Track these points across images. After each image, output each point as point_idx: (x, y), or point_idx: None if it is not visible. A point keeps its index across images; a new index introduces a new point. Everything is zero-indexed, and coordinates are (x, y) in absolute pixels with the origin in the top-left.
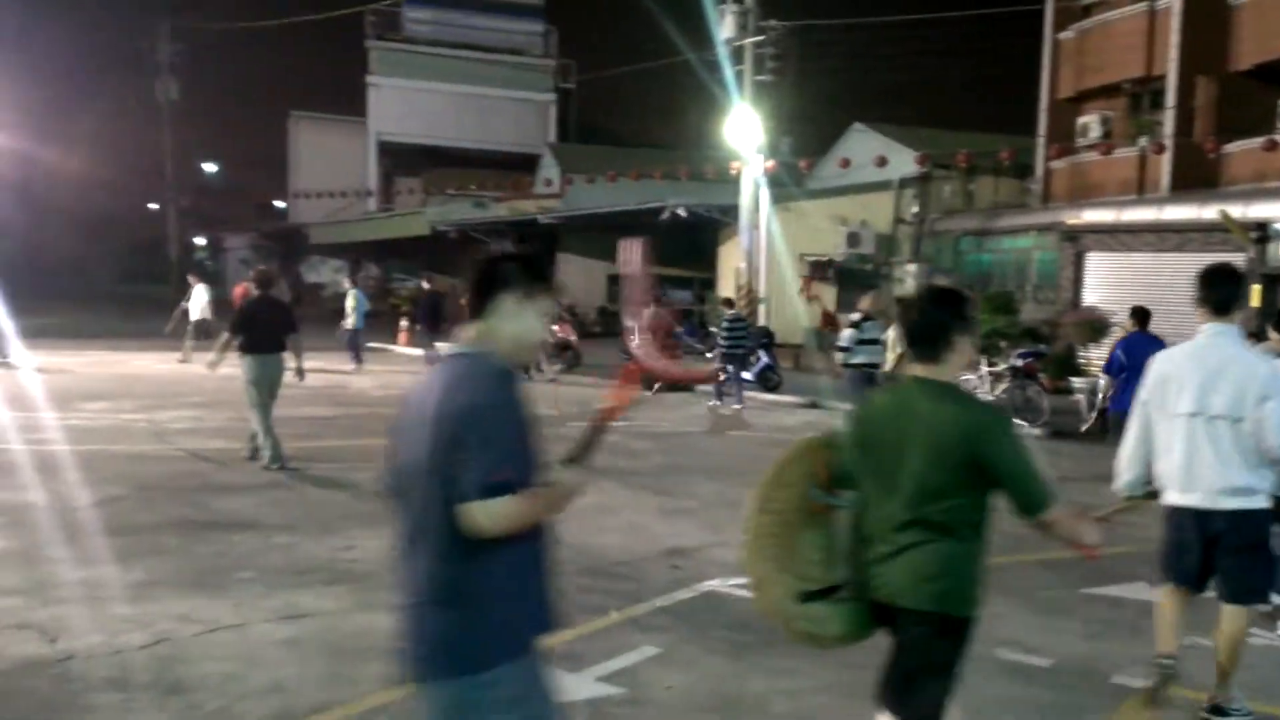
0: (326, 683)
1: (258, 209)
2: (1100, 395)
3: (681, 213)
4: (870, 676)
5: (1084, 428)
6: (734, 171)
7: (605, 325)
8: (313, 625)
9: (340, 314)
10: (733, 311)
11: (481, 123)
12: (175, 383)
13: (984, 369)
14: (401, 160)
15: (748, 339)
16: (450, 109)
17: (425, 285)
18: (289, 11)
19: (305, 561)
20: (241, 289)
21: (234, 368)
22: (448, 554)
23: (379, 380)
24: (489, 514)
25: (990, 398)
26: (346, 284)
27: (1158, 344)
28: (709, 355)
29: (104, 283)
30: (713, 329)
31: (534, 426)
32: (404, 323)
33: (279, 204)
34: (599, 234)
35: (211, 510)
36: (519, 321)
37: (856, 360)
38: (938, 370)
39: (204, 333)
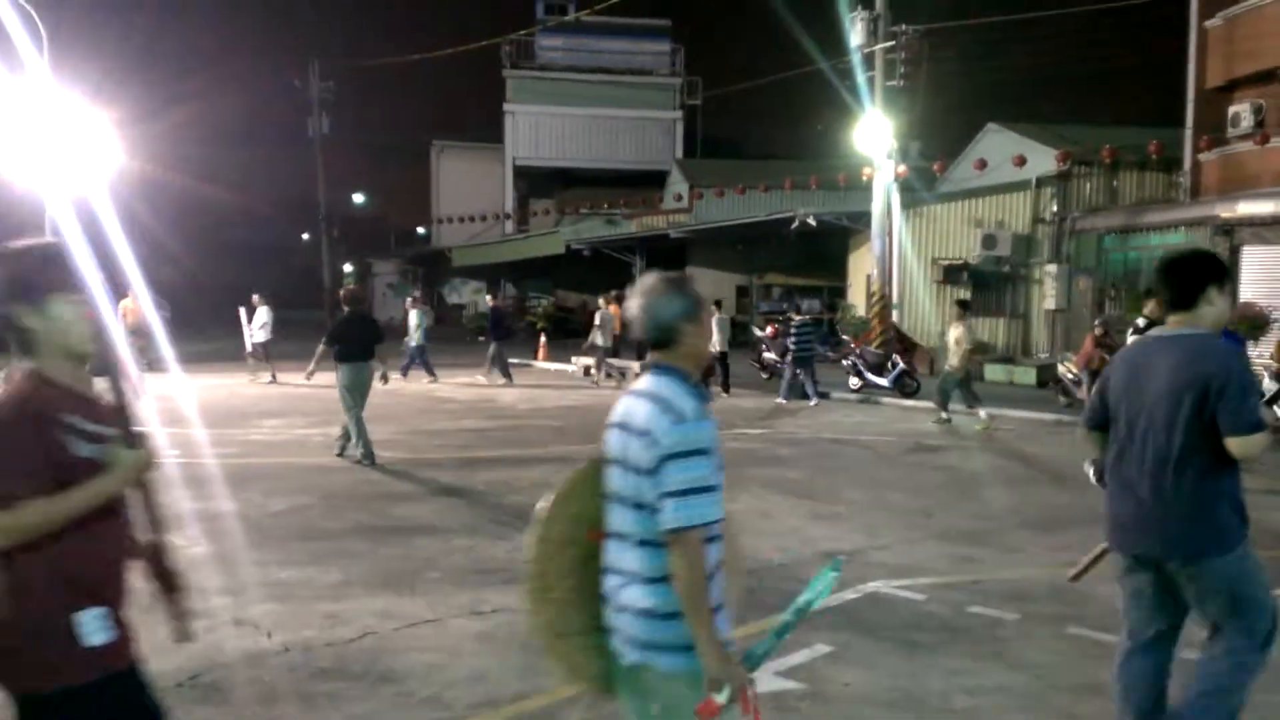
0: (523, 673)
1: (400, 235)
2: None
3: (811, 222)
4: (1046, 680)
5: None
6: (865, 178)
7: (734, 336)
8: (502, 620)
9: (480, 332)
10: (800, 318)
11: (611, 143)
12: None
13: None
14: (536, 182)
15: (814, 343)
16: (581, 131)
17: (489, 300)
18: (431, 46)
19: (485, 562)
20: (405, 307)
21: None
22: (1200, 469)
23: (524, 395)
24: (1248, 444)
25: None
26: (408, 303)
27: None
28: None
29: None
30: (844, 337)
31: None
32: (543, 339)
33: (420, 230)
34: (728, 246)
35: (392, 516)
36: (1218, 307)
37: None
38: None
39: (264, 353)
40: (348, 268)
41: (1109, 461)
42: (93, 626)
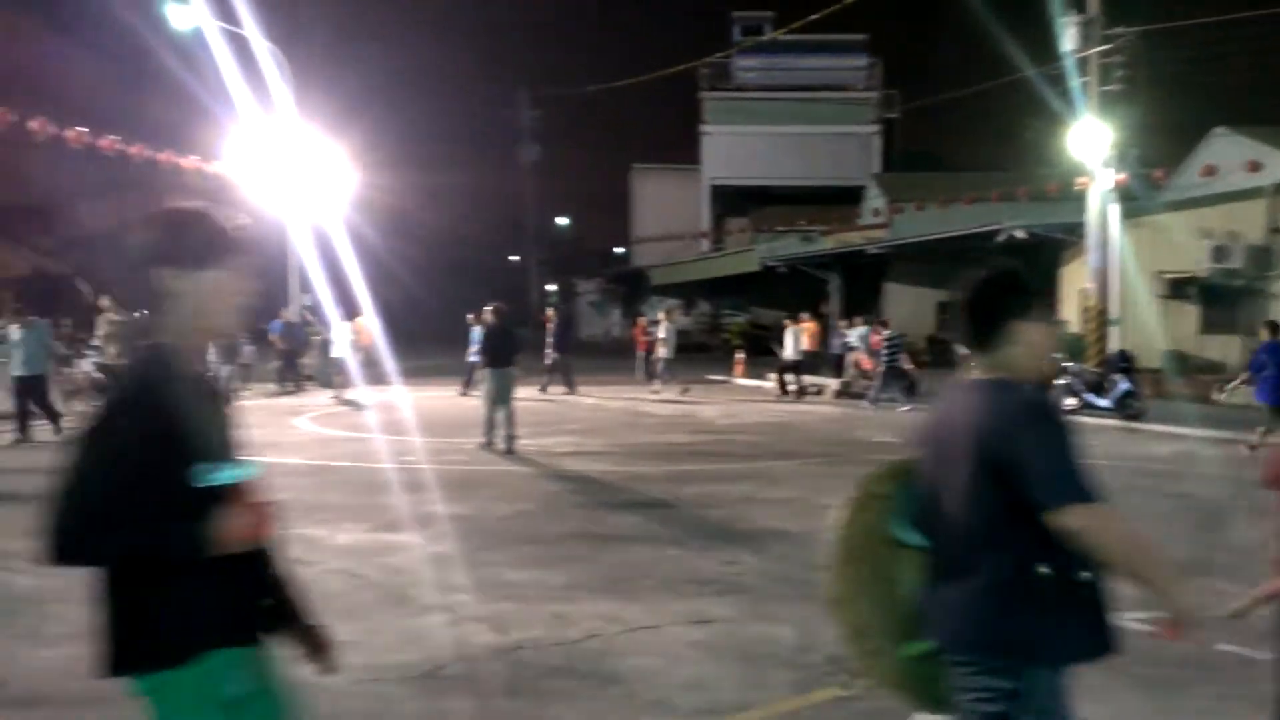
0: (741, 684)
1: (600, 256)
2: None
3: (1019, 234)
4: None
5: None
6: (1079, 188)
7: (935, 355)
8: (718, 630)
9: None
10: (888, 331)
11: (806, 159)
12: (551, 413)
13: None
14: (731, 201)
15: (900, 353)
16: (777, 149)
17: (549, 310)
18: (631, 71)
19: (698, 573)
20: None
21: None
22: None
23: (724, 410)
24: None
25: None
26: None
27: None
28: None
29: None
30: (1055, 355)
31: None
32: (739, 355)
33: (618, 249)
34: (928, 262)
35: (607, 524)
36: None
37: None
38: None
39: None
40: (551, 287)
41: None
42: None
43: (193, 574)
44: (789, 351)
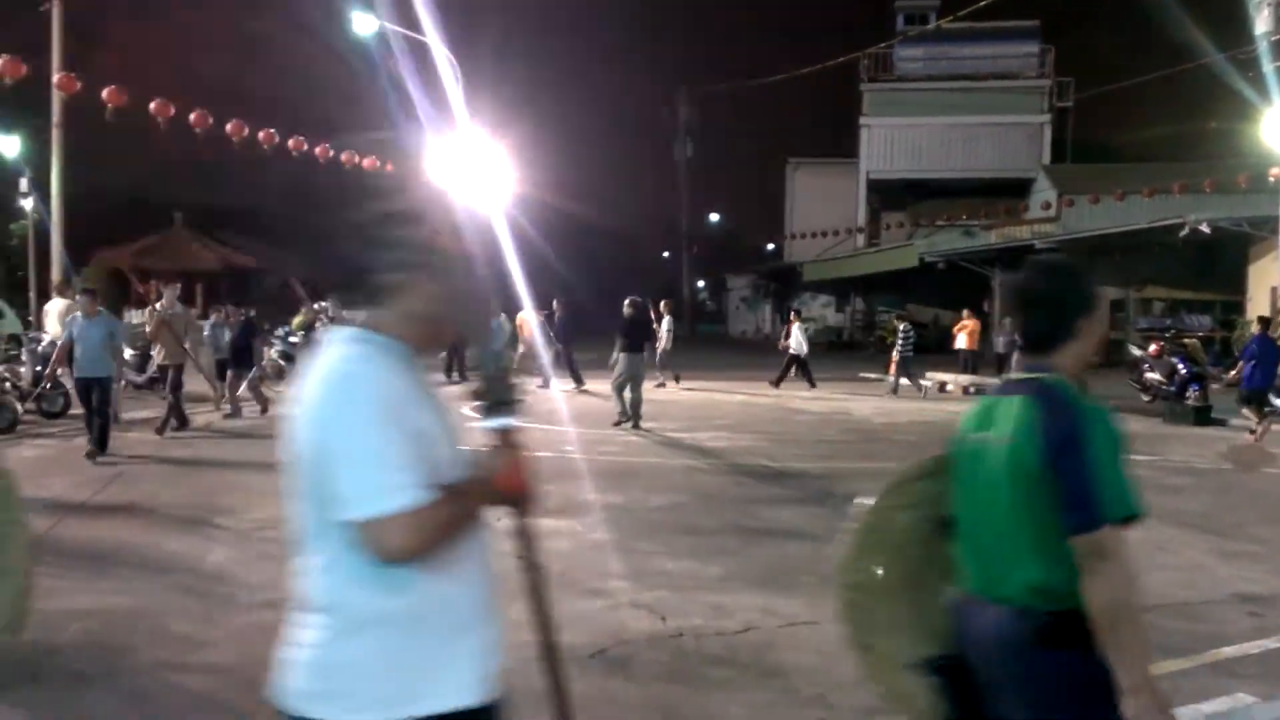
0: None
1: (752, 251)
2: None
3: (1204, 228)
4: None
5: None
6: (1273, 178)
7: (1105, 355)
8: None
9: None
10: (905, 324)
11: (970, 151)
12: (700, 407)
13: None
14: (889, 195)
15: (914, 345)
16: (938, 141)
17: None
18: (791, 65)
19: None
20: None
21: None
22: None
23: (878, 407)
24: None
25: None
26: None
27: None
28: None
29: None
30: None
31: None
32: (894, 354)
33: (769, 246)
34: (1102, 257)
35: (761, 518)
36: None
37: None
38: None
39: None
40: (700, 283)
41: None
42: None
43: None
44: (794, 345)
